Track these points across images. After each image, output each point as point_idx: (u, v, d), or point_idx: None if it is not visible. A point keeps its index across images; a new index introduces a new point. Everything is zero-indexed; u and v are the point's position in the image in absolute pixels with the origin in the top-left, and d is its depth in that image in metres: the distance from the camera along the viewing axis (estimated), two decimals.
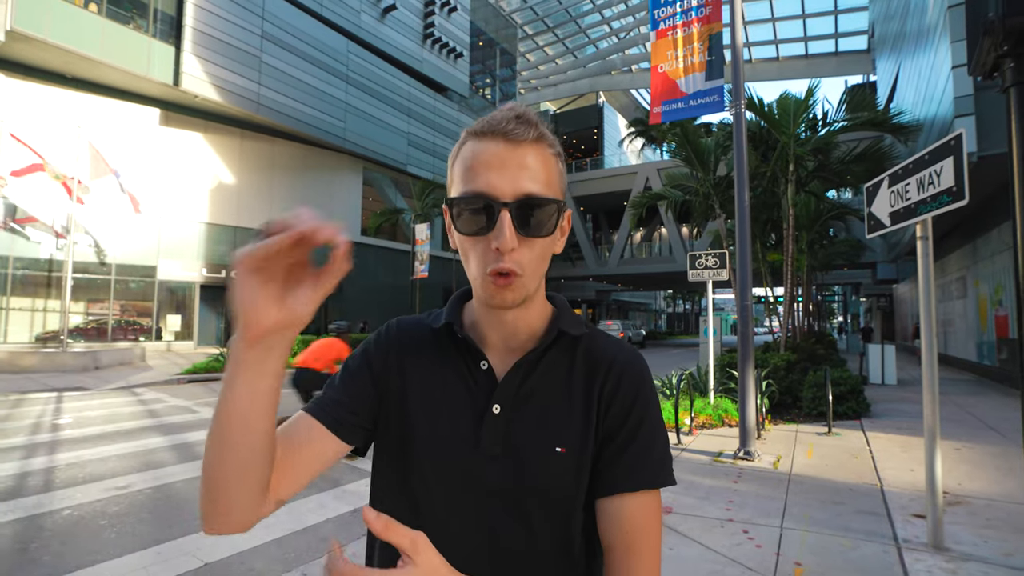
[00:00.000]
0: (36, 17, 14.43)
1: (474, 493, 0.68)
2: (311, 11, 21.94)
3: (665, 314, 65.62)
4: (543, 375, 0.72)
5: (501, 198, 0.63)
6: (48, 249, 16.36)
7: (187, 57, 17.64)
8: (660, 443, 0.71)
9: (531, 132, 0.65)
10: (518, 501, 0.67)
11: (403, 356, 0.75)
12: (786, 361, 8.74)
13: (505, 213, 0.63)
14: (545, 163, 0.67)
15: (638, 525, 0.66)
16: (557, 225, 0.67)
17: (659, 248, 34.32)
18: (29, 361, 12.29)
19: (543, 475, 0.67)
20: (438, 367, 0.74)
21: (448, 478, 0.69)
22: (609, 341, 0.76)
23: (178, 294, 19.77)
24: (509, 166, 0.64)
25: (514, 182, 0.64)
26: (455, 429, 0.70)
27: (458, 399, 0.71)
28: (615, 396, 0.70)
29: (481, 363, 0.72)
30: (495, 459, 0.68)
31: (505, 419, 0.69)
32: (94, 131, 15.25)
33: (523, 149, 0.65)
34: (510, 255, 0.64)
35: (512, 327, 0.72)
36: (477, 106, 33.86)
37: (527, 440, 0.68)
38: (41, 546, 3.43)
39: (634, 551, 0.65)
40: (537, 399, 0.70)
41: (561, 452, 0.68)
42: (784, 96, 9.73)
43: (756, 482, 4.73)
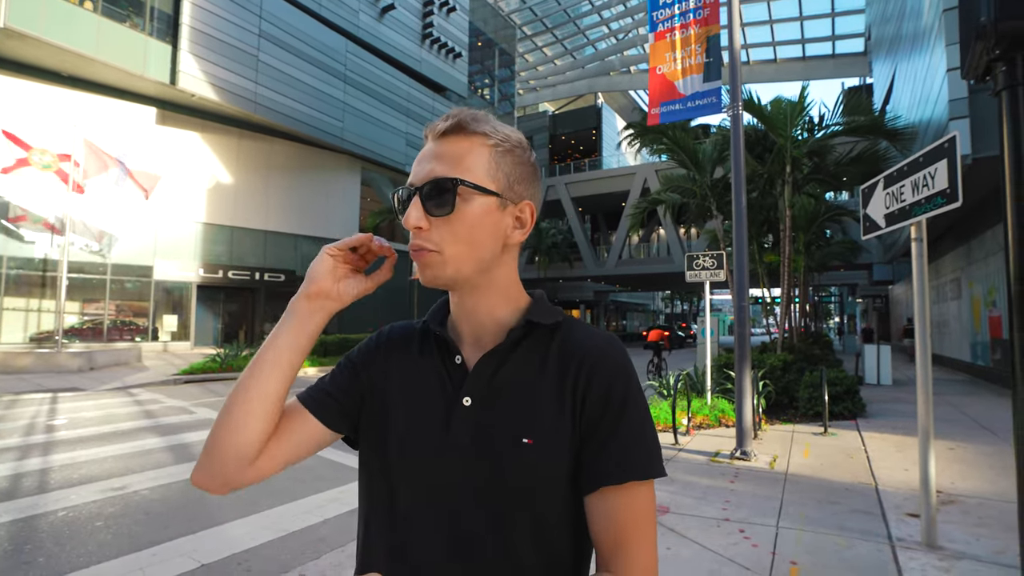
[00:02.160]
0: (31, 14, 14.37)
1: (444, 482, 0.70)
2: (309, 10, 21.91)
3: (663, 315, 65.73)
4: (515, 367, 0.73)
5: (415, 183, 0.71)
6: (43, 248, 16.30)
7: (184, 56, 17.59)
8: (644, 433, 0.69)
9: (448, 124, 0.71)
10: (484, 490, 0.68)
11: (389, 356, 0.80)
12: (783, 361, 8.77)
13: (416, 198, 0.70)
14: (461, 150, 0.71)
15: (627, 520, 0.65)
16: (461, 203, 0.69)
17: (657, 249, 34.36)
18: (23, 362, 12.24)
19: (507, 465, 0.68)
20: (417, 364, 0.78)
21: (420, 468, 0.71)
22: (585, 331, 0.75)
23: (175, 294, 19.71)
24: (425, 157, 0.72)
25: (427, 167, 0.71)
26: (427, 421, 0.72)
27: (433, 393, 0.74)
28: (589, 389, 0.69)
29: (455, 358, 0.75)
30: (463, 449, 0.69)
31: (475, 410, 0.71)
32: (90, 129, 15.19)
33: (440, 141, 0.72)
34: (420, 233, 0.70)
35: (477, 319, 0.75)
36: (476, 106, 33.55)
37: (494, 431, 0.69)
38: (35, 548, 3.42)
39: (623, 548, 0.64)
40: (507, 391, 0.71)
41: (528, 443, 0.68)
42: (778, 100, 9.76)
43: (753, 482, 4.75)
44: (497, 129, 0.73)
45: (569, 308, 46.17)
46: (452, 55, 29.94)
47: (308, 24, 21.83)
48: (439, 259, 0.70)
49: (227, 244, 20.81)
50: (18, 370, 12.02)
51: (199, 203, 20.01)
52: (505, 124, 0.75)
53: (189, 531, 3.66)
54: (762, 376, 7.73)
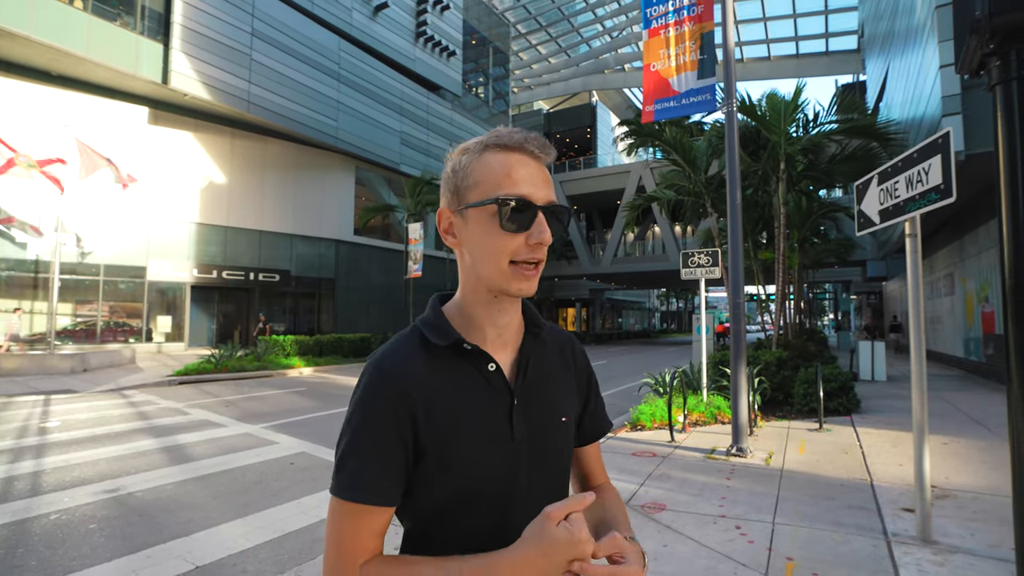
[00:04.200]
0: (19, 12, 14.22)
1: (512, 475, 0.80)
2: (302, 8, 21.79)
3: (659, 312, 65.88)
4: (535, 363, 0.87)
5: (537, 202, 0.76)
6: (34, 250, 16.17)
7: (176, 55, 17.46)
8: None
9: (549, 155, 0.81)
10: (542, 470, 0.83)
11: (423, 397, 0.77)
12: (778, 358, 8.80)
13: (541, 215, 0.77)
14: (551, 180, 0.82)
15: (599, 458, 1.02)
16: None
17: (652, 247, 34.43)
18: (15, 364, 12.14)
19: (558, 442, 0.86)
20: (455, 383, 0.79)
21: (493, 468, 0.78)
22: (553, 327, 0.95)
23: (168, 295, 19.60)
24: (541, 179, 0.79)
25: (544, 191, 0.78)
26: (492, 431, 0.79)
27: (483, 407, 0.79)
28: (580, 373, 0.95)
29: (489, 365, 0.81)
30: (522, 441, 0.81)
31: (523, 407, 0.82)
32: (81, 130, 15.07)
33: (543, 166, 0.80)
34: (541, 249, 0.78)
35: (507, 323, 0.84)
36: (470, 105, 33.79)
37: (541, 419, 0.84)
38: (28, 551, 3.39)
39: (603, 478, 1.00)
40: (538, 384, 0.86)
41: (564, 421, 0.87)
42: (772, 95, 9.78)
43: (749, 478, 4.76)
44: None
45: (565, 307, 46.25)
46: (446, 53, 29.85)
47: (301, 23, 21.71)
48: (540, 270, 0.80)
49: (221, 244, 20.70)
50: (10, 372, 11.92)
51: (192, 203, 19.89)
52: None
53: (184, 533, 3.64)
54: (757, 373, 7.75)
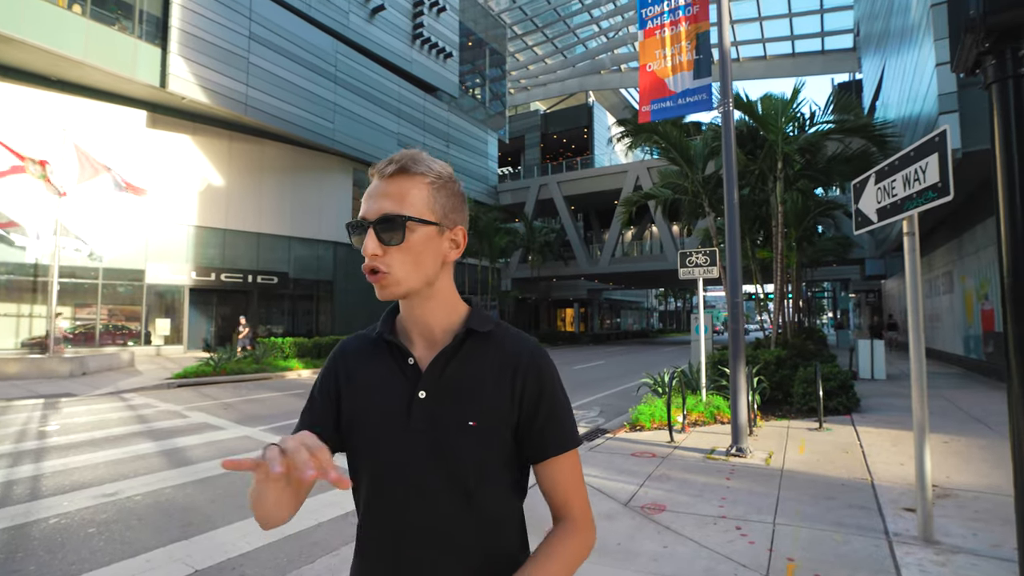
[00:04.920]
0: (16, 17, 14.22)
1: (407, 464, 0.86)
2: (298, 11, 21.80)
3: (657, 312, 65.91)
4: (460, 364, 0.89)
5: (368, 218, 0.85)
6: (34, 253, 16.13)
7: (173, 58, 17.47)
8: (569, 413, 0.93)
9: (392, 167, 0.87)
10: (439, 466, 0.85)
11: (350, 367, 0.95)
12: (777, 357, 8.80)
13: (370, 229, 0.85)
14: (404, 189, 0.87)
15: (568, 478, 0.90)
16: (411, 235, 0.85)
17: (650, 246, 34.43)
18: (15, 367, 12.11)
19: (456, 443, 0.85)
20: (377, 368, 0.93)
21: (390, 451, 0.87)
22: (516, 337, 0.94)
23: (167, 298, 19.58)
24: (375, 195, 0.87)
25: (376, 205, 0.85)
26: (392, 413, 0.88)
27: (393, 390, 0.90)
28: (526, 386, 0.89)
29: (408, 359, 0.91)
30: (422, 432, 0.86)
31: (429, 401, 0.87)
32: (80, 134, 15.04)
33: (387, 181, 0.87)
34: (375, 259, 0.84)
35: (425, 324, 0.92)
36: (467, 106, 33.81)
37: (448, 416, 0.86)
38: (27, 556, 3.37)
39: (569, 498, 0.90)
40: (455, 384, 0.88)
41: (472, 426, 0.86)
42: (768, 96, 9.79)
43: (749, 479, 4.76)
44: (432, 168, 0.90)
45: (563, 307, 46.25)
46: (443, 55, 29.87)
47: (298, 26, 21.72)
48: (392, 278, 0.85)
49: (219, 247, 20.68)
50: (10, 376, 11.89)
51: (191, 206, 19.88)
52: (437, 161, 0.92)
53: (183, 536, 3.63)
54: (756, 372, 7.75)
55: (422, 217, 0.86)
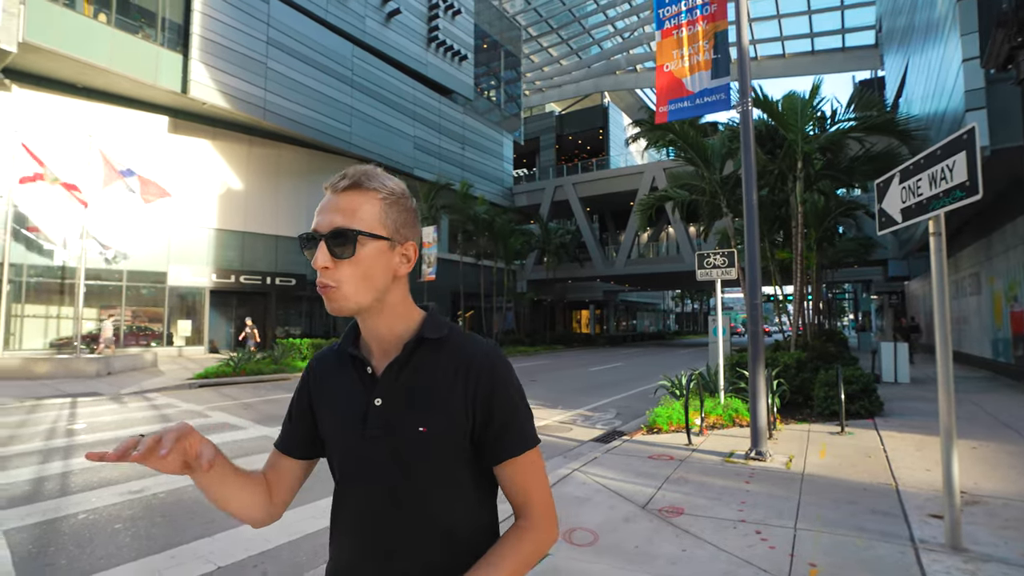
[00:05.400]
0: (47, 28, 14.63)
1: (366, 467, 0.91)
2: (316, 17, 22.08)
3: (674, 314, 65.36)
4: (413, 371, 0.91)
5: (320, 231, 0.86)
6: (61, 257, 16.56)
7: (195, 65, 17.81)
8: (527, 415, 0.93)
9: (346, 182, 0.88)
10: (395, 469, 0.89)
11: (320, 377, 1.01)
12: (797, 360, 8.67)
13: (322, 243, 0.85)
14: (357, 205, 0.87)
15: (528, 479, 0.91)
16: (363, 250, 0.86)
17: (666, 248, 34.17)
18: (44, 367, 12.43)
19: (410, 449, 0.88)
20: (342, 379, 0.97)
21: (351, 456, 0.93)
22: (469, 341, 0.95)
23: (188, 299, 19.93)
24: (327, 209, 0.87)
25: (329, 219, 0.86)
26: (350, 420, 0.92)
27: (354, 399, 0.93)
28: (478, 390, 0.89)
29: (367, 369, 0.94)
30: (377, 439, 0.89)
31: (384, 408, 0.90)
32: (105, 139, 15.41)
33: (340, 195, 0.88)
34: (326, 272, 0.85)
35: (380, 335, 0.94)
36: (482, 108, 33.91)
37: (399, 423, 0.89)
38: (58, 550, 3.46)
39: (530, 498, 0.91)
40: (407, 391, 0.90)
41: (423, 431, 0.88)
42: (790, 95, 9.67)
43: (768, 482, 4.69)
44: (385, 184, 0.91)
45: (579, 308, 46.10)
46: (458, 58, 30.01)
47: (315, 30, 22.00)
48: (341, 293, 0.86)
49: (239, 249, 21.01)
50: (39, 376, 12.21)
51: (211, 209, 20.23)
52: (391, 177, 0.93)
53: (206, 533, 3.69)
54: (776, 375, 7.64)
55: (373, 232, 0.87)
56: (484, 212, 26.25)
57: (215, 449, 0.84)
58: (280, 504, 1.01)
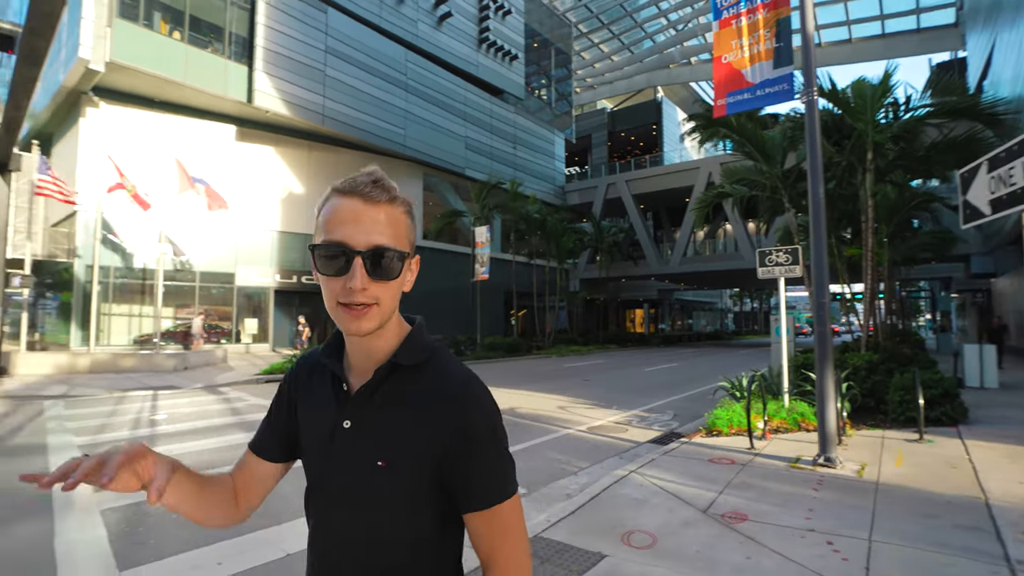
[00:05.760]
0: (130, 48, 15.79)
1: (327, 488, 0.86)
2: (371, 24, 22.75)
3: (732, 313, 63.15)
4: (384, 398, 0.84)
5: (355, 247, 0.78)
6: (141, 259, 17.85)
7: (259, 75, 18.74)
8: (501, 461, 0.83)
9: (384, 195, 0.81)
10: (352, 500, 0.83)
11: (304, 381, 0.96)
12: (867, 361, 8.19)
13: (358, 260, 0.77)
14: (394, 220, 0.81)
15: (495, 534, 0.81)
16: (402, 270, 0.82)
17: (724, 245, 33.07)
18: (128, 362, 13.45)
19: (365, 481, 0.82)
20: (321, 389, 0.91)
21: (315, 474, 0.89)
22: (448, 372, 0.86)
23: (254, 299, 21.01)
24: (363, 221, 0.79)
25: (367, 235, 0.78)
26: (320, 437, 0.88)
27: (326, 415, 0.88)
28: (449, 430, 0.80)
29: (343, 385, 0.88)
30: (339, 463, 0.84)
31: (352, 433, 0.84)
32: (180, 149, 16.48)
33: (377, 208, 0.80)
34: (362, 293, 0.77)
35: (365, 353, 0.86)
36: (533, 107, 33.92)
37: (362, 452, 0.83)
38: (146, 531, 3.74)
39: (494, 557, 0.81)
40: (375, 419, 0.84)
41: (381, 466, 0.81)
42: (860, 81, 9.12)
43: (839, 491, 4.46)
44: (404, 195, 0.85)
45: (632, 308, 45.35)
46: (508, 58, 30.15)
47: (370, 37, 22.67)
48: (377, 313, 0.80)
49: (300, 251, 21.94)
50: (125, 369, 13.22)
51: (274, 212, 21.23)
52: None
53: (276, 522, 3.87)
54: (845, 377, 7.24)
55: (408, 250, 0.82)
56: (536, 211, 26.25)
57: (171, 469, 0.78)
58: (246, 509, 0.98)
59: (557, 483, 5.00)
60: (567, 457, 6.02)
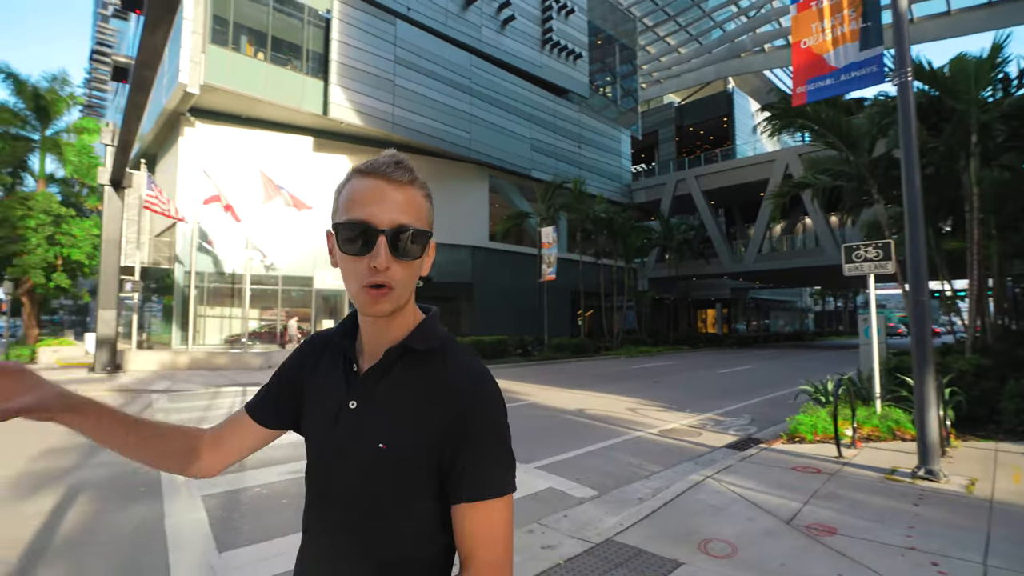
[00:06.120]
0: (221, 70, 17.10)
1: (328, 468, 0.86)
2: (437, 32, 23.35)
3: (812, 313, 59.43)
4: (393, 381, 0.84)
5: (379, 226, 0.78)
6: (231, 265, 19.26)
7: (333, 88, 19.72)
8: (499, 457, 0.80)
9: (406, 176, 0.81)
10: (351, 479, 0.83)
11: (313, 358, 0.96)
12: (975, 366, 7.43)
13: (382, 238, 0.78)
14: (416, 201, 0.82)
15: (478, 531, 0.78)
16: (424, 251, 0.83)
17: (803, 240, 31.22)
18: (221, 360, 14.57)
19: (366, 465, 0.82)
20: (328, 367, 0.93)
21: (317, 453, 0.89)
22: (458, 361, 0.86)
23: (331, 301, 22.10)
24: (387, 201, 0.79)
25: (390, 214, 0.78)
26: (325, 415, 0.88)
27: (333, 394, 0.88)
28: (453, 419, 0.80)
29: (353, 366, 0.89)
30: (342, 442, 0.84)
31: (357, 413, 0.84)
32: (262, 161, 17.65)
33: (399, 188, 0.80)
34: (385, 272, 0.78)
35: (379, 336, 0.87)
36: (597, 105, 33.53)
37: (365, 434, 0.83)
38: (240, 517, 4.03)
39: (474, 555, 0.77)
40: (381, 401, 0.84)
41: (382, 448, 0.81)
42: (960, 56, 8.31)
43: (944, 507, 4.08)
44: (420, 176, 0.85)
45: (704, 307, 43.75)
46: (572, 57, 29.96)
47: (436, 45, 23.26)
48: (396, 295, 0.81)
49: None
50: (218, 367, 14.33)
51: None
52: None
53: None
54: (948, 383, 6.61)
55: (430, 231, 0.83)
56: (603, 211, 25.92)
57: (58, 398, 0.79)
58: (219, 462, 0.97)
59: (628, 487, 4.90)
60: (638, 460, 5.89)
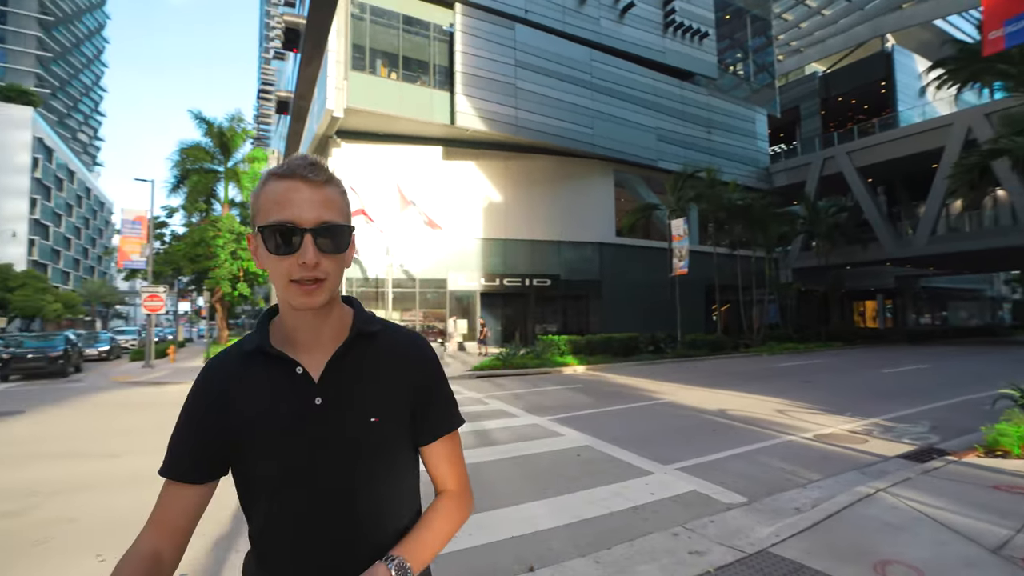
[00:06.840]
0: (361, 94, 18.82)
1: (313, 468, 0.87)
2: (555, 30, 23.45)
3: (1009, 303, 49.84)
4: (353, 365, 0.92)
5: (303, 225, 0.83)
6: (374, 271, 21.11)
7: (459, 98, 20.73)
8: (452, 398, 1.04)
9: (323, 175, 0.87)
10: (346, 466, 0.88)
11: (220, 390, 0.92)
12: None
13: (308, 236, 0.83)
14: (335, 198, 0.88)
15: (452, 454, 1.01)
16: (348, 243, 0.89)
17: (994, 216, 26.27)
18: None
19: (364, 440, 0.90)
20: (255, 383, 0.90)
21: (290, 461, 0.87)
22: (401, 332, 1.01)
23: (463, 301, 23.23)
24: (308, 200, 0.84)
25: (312, 212, 0.84)
26: (283, 425, 0.88)
27: (282, 401, 0.89)
28: (417, 378, 0.97)
29: (296, 368, 0.90)
30: (323, 438, 0.88)
31: (327, 407, 0.89)
32: (397, 173, 19.10)
33: (317, 188, 0.85)
34: (315, 268, 0.83)
35: (317, 329, 0.91)
36: (727, 85, 31.32)
37: (350, 418, 0.90)
38: None
39: (452, 472, 1.01)
40: (350, 385, 0.91)
41: (375, 421, 0.91)
42: None
43: None
44: (338, 176, 0.92)
45: (861, 299, 38.85)
46: (698, 37, 28.34)
47: (555, 44, 23.37)
48: (327, 287, 0.86)
49: (501, 255, 23.59)
50: None
51: (477, 221, 23.21)
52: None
53: (503, 504, 4.19)
54: None
55: (351, 224, 0.91)
56: (738, 198, 24.14)
57: None
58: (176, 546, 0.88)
59: (782, 495, 4.48)
60: (791, 467, 5.37)
